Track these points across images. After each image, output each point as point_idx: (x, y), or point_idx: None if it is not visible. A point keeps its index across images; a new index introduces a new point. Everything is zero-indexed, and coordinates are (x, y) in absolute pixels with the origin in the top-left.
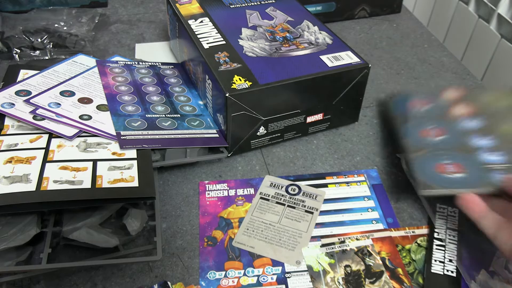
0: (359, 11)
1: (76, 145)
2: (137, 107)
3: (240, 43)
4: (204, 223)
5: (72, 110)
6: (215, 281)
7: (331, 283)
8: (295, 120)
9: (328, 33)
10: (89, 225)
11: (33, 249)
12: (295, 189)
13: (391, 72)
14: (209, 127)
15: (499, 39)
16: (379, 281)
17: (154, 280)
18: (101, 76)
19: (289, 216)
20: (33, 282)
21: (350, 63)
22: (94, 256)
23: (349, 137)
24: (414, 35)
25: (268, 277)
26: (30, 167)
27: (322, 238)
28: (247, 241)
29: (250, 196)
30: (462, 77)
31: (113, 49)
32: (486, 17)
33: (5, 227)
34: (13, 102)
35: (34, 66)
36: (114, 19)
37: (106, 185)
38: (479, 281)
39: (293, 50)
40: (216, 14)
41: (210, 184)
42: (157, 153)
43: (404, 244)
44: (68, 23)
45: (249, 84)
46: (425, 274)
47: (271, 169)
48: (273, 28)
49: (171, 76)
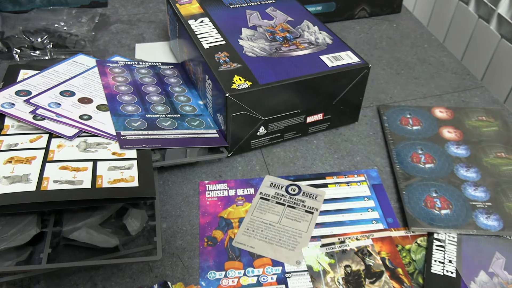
0: (359, 11)
1: (76, 145)
2: (137, 107)
3: (240, 43)
4: (204, 223)
5: (72, 110)
6: (215, 281)
7: (331, 283)
8: (295, 120)
9: (328, 33)
10: (89, 225)
11: (33, 249)
12: (295, 189)
13: (391, 72)
14: (209, 127)
15: (499, 39)
16: (379, 281)
17: (154, 280)
18: (101, 76)
19: (289, 216)
20: (33, 282)
21: (350, 63)
22: (94, 256)
23: (349, 137)
24: (414, 35)
25: (268, 277)
26: (30, 167)
27: (322, 238)
28: (247, 241)
29: (250, 196)
30: (462, 77)
31: (113, 49)
32: (486, 17)
33: (5, 227)
34: (13, 102)
35: (34, 66)
36: (114, 19)
37: (106, 185)
38: (479, 282)
39: (293, 50)
40: (216, 14)
41: (210, 184)
42: (157, 153)
43: (404, 244)
44: (68, 23)
45: (249, 84)
46: (425, 274)
47: (271, 169)
48: (273, 28)
49: (171, 76)
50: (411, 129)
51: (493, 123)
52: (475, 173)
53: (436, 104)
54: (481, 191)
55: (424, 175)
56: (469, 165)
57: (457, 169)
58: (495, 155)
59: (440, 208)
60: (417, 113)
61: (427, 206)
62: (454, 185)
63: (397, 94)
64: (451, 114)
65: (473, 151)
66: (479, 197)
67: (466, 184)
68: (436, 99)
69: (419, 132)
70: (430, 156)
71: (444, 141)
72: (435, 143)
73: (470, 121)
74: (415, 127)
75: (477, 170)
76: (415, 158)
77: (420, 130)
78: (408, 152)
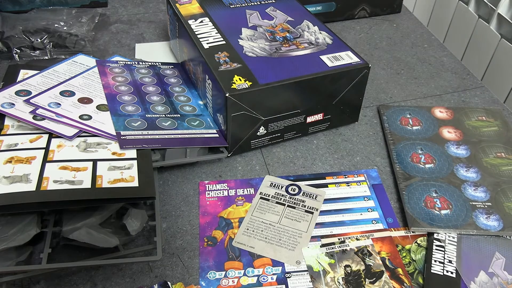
0: (359, 11)
1: (76, 145)
2: (137, 107)
3: (240, 43)
4: (204, 223)
5: (72, 110)
6: (215, 281)
7: (331, 283)
8: (295, 120)
9: (328, 33)
10: (89, 225)
11: (33, 249)
12: (295, 189)
13: (391, 72)
14: (209, 127)
15: (499, 39)
16: (379, 281)
17: (154, 280)
18: (101, 76)
19: (289, 216)
20: (33, 282)
21: (350, 63)
22: (94, 256)
23: (349, 137)
24: (414, 35)
25: (268, 277)
26: (30, 167)
27: (322, 238)
28: (247, 241)
29: (250, 196)
30: (462, 77)
31: (113, 49)
32: (486, 17)
33: (5, 227)
34: (13, 102)
35: (34, 66)
36: (114, 19)
37: (106, 185)
38: (479, 282)
39: (293, 50)
40: (216, 14)
41: (210, 184)
42: (157, 153)
43: (404, 244)
44: (68, 23)
45: (249, 84)
46: (425, 274)
47: (271, 169)
48: (273, 28)
49: (171, 76)
50: (411, 129)
51: (493, 123)
52: (475, 173)
53: (436, 104)
54: (481, 191)
55: (424, 175)
56: (469, 165)
57: (457, 169)
58: (495, 155)
59: (440, 208)
60: (417, 113)
61: (427, 206)
62: (454, 185)
63: (397, 94)
64: (451, 114)
65: (473, 151)
66: (479, 197)
67: (466, 184)
68: (436, 99)
69: (419, 132)
70: (430, 156)
71: (444, 141)
72: (435, 143)
73: (470, 121)
74: (415, 127)
75: (477, 170)
76: (415, 158)
77: (420, 130)
78: (408, 152)
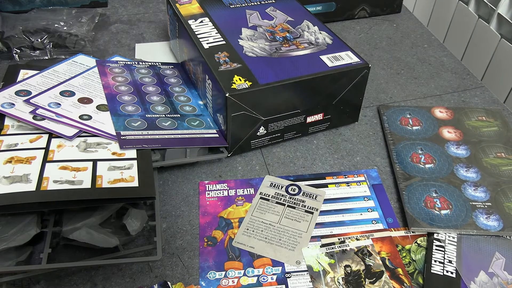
0: (359, 11)
1: (76, 145)
2: (137, 107)
3: (240, 43)
4: (204, 223)
5: (72, 110)
6: (215, 281)
7: (331, 283)
8: (295, 120)
9: (328, 33)
10: (89, 225)
11: (33, 249)
12: (295, 189)
13: (391, 72)
14: (209, 127)
15: (499, 39)
16: (379, 281)
17: (154, 280)
18: (101, 76)
19: (289, 216)
20: (33, 282)
21: (350, 63)
22: (94, 256)
23: (349, 137)
24: (414, 35)
25: (268, 277)
26: (30, 167)
27: (322, 238)
28: (247, 241)
29: (250, 196)
30: (462, 77)
31: (113, 49)
32: (486, 17)
33: (5, 227)
34: (13, 102)
35: (34, 66)
36: (114, 19)
37: (106, 185)
38: (478, 282)
39: (293, 50)
40: (216, 14)
41: (210, 184)
42: (157, 153)
43: (404, 244)
44: (68, 23)
45: (249, 84)
46: (425, 274)
47: (271, 169)
48: (273, 28)
49: (171, 76)
50: (411, 129)
51: (493, 123)
52: (475, 173)
53: (436, 104)
54: (481, 191)
55: (424, 175)
56: (469, 165)
57: (457, 169)
58: (495, 155)
59: (440, 208)
60: (417, 113)
61: (427, 206)
62: (454, 185)
63: (397, 94)
64: (451, 114)
65: (473, 151)
66: (479, 197)
67: (466, 184)
68: (436, 99)
69: (419, 132)
70: (430, 156)
71: (444, 141)
72: (435, 143)
73: (470, 121)
74: (415, 127)
75: (477, 170)
76: (415, 158)
77: (420, 130)
78: (408, 152)
